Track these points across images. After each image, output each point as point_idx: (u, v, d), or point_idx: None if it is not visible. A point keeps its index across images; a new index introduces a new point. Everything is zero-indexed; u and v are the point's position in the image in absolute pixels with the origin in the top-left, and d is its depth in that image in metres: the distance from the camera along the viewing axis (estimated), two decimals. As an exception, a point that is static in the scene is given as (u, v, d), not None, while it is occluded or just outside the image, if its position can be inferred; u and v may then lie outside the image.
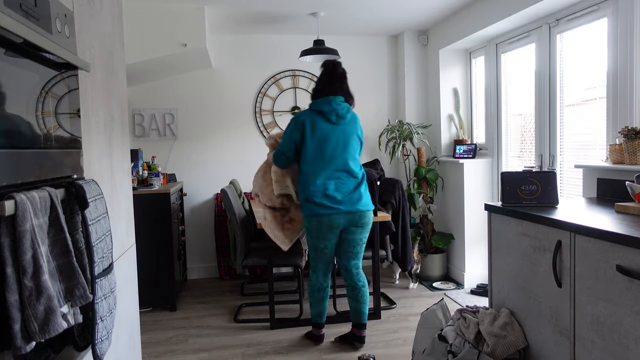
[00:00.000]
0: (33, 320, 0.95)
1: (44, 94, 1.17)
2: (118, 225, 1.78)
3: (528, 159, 3.71)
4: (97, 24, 1.64)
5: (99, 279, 1.28)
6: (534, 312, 2.01)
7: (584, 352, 1.72)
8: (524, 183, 2.18)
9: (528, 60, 3.65)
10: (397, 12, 4.12)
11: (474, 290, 4.02)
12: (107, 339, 1.32)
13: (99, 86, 1.63)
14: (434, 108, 4.72)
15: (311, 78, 4.86)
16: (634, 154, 2.33)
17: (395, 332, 3.26)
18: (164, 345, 3.14)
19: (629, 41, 2.63)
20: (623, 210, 1.94)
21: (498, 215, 2.25)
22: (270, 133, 3.50)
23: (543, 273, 1.94)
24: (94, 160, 1.55)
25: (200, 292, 4.30)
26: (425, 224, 4.52)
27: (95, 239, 1.27)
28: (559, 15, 3.23)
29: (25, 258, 0.95)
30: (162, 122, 4.61)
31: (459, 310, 2.31)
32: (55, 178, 1.21)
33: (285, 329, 3.36)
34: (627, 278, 1.51)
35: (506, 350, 2.01)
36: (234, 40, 4.69)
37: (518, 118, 3.88)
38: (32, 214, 0.97)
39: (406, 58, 4.82)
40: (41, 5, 1.13)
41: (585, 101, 3.14)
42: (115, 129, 1.83)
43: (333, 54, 4.04)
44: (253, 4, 3.79)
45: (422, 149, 4.52)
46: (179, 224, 4.14)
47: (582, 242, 1.71)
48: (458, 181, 4.24)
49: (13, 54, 1.02)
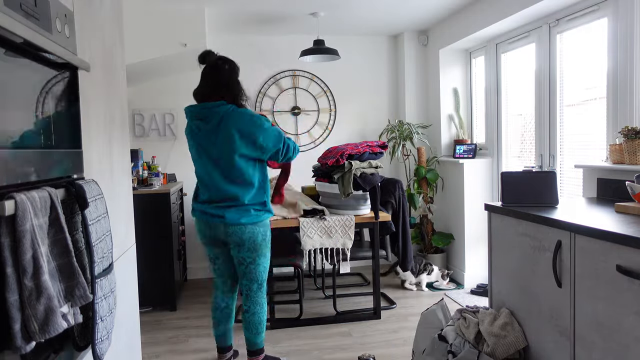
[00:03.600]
0: (33, 320, 0.95)
1: (44, 94, 1.17)
2: (118, 225, 1.78)
3: (528, 159, 3.71)
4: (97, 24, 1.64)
5: (99, 279, 1.28)
6: (534, 312, 2.01)
7: (584, 352, 1.72)
8: (524, 183, 2.18)
9: (528, 60, 3.65)
10: (397, 12, 4.12)
11: (474, 290, 4.02)
12: (107, 339, 1.32)
13: (99, 86, 1.63)
14: (434, 108, 4.72)
15: (311, 78, 4.86)
16: (634, 154, 2.33)
17: (395, 332, 3.26)
18: (164, 345, 3.14)
19: (629, 41, 2.63)
20: (623, 210, 1.94)
21: (498, 215, 2.25)
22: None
23: (543, 273, 1.94)
24: (94, 160, 1.54)
25: (200, 292, 4.29)
26: (425, 224, 4.52)
27: (95, 239, 1.27)
28: (559, 15, 3.23)
29: (25, 258, 0.95)
30: (162, 122, 4.61)
31: (459, 310, 2.31)
32: (55, 178, 1.21)
33: (285, 329, 3.36)
34: (627, 278, 1.51)
35: (506, 350, 2.01)
36: (234, 40, 4.69)
37: (518, 118, 3.88)
38: (32, 214, 0.97)
39: (406, 58, 4.82)
40: (41, 5, 1.13)
41: (585, 101, 3.14)
42: (115, 129, 1.83)
43: (333, 54, 4.04)
44: (253, 4, 3.78)
45: (422, 149, 4.52)
46: (179, 224, 4.14)
47: (582, 242, 1.71)
48: (458, 181, 4.24)
49: (13, 54, 1.02)
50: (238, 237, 2.49)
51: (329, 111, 4.91)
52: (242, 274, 2.59)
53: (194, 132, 2.54)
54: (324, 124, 4.91)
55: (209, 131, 2.47)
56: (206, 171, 2.53)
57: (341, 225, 3.30)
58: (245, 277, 2.59)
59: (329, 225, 3.28)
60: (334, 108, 4.91)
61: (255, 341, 2.65)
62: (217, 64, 2.58)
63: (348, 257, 3.31)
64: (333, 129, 4.92)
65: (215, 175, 2.49)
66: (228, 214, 2.47)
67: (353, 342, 3.12)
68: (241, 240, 2.49)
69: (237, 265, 2.59)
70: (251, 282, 2.59)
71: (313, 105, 4.89)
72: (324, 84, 4.88)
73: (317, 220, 3.26)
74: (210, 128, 2.46)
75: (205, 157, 2.51)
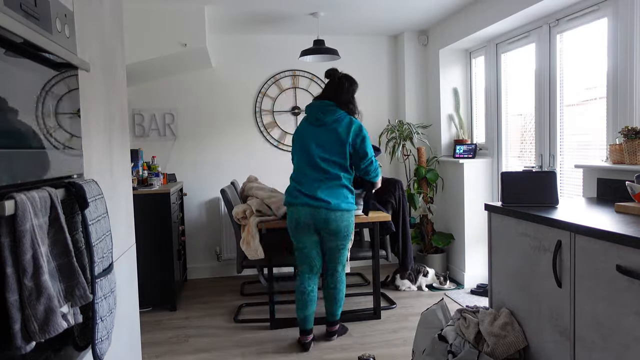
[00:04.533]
0: (33, 320, 0.95)
1: (44, 94, 1.17)
2: (118, 225, 1.78)
3: (528, 159, 3.71)
4: (97, 24, 1.64)
5: (99, 279, 1.28)
6: (534, 312, 2.01)
7: (584, 352, 1.72)
8: (524, 183, 2.18)
9: (528, 60, 3.65)
10: (397, 12, 4.12)
11: (474, 290, 4.02)
12: (107, 339, 1.32)
13: (99, 86, 1.63)
14: (434, 108, 4.72)
15: (311, 78, 4.86)
16: (634, 154, 2.33)
17: (395, 332, 3.26)
18: (164, 345, 3.14)
19: (629, 41, 2.63)
20: (623, 210, 1.94)
21: (498, 215, 2.25)
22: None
23: (543, 273, 1.94)
24: (94, 160, 1.55)
25: (200, 292, 4.30)
26: (425, 224, 4.52)
27: (95, 239, 1.27)
28: (559, 15, 3.23)
29: (25, 258, 0.95)
30: (162, 122, 4.61)
31: (459, 310, 2.31)
32: (55, 178, 1.21)
33: (285, 329, 3.36)
34: (627, 278, 1.51)
35: (506, 350, 2.01)
36: (234, 40, 4.69)
37: (518, 118, 3.88)
38: (32, 214, 0.97)
39: (406, 58, 4.82)
40: (41, 5, 1.13)
41: (585, 101, 3.14)
42: (115, 129, 1.83)
43: (333, 54, 4.04)
44: (253, 4, 3.78)
45: (422, 149, 4.52)
46: (179, 224, 4.14)
47: (582, 242, 1.71)
48: (458, 181, 4.24)
49: (13, 54, 1.02)
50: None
51: (329, 111, 4.90)
52: (333, 258, 3.04)
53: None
54: (324, 124, 4.90)
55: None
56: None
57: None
58: (334, 260, 3.04)
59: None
60: (334, 108, 4.91)
61: (337, 313, 3.12)
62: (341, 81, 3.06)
63: (348, 257, 3.31)
64: (333, 129, 4.91)
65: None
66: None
67: (353, 342, 3.12)
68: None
69: (327, 251, 3.03)
70: (338, 264, 3.05)
71: (313, 105, 4.88)
72: (324, 84, 4.87)
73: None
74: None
75: None
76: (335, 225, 2.89)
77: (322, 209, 2.86)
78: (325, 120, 2.93)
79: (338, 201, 2.88)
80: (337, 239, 2.94)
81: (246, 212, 3.41)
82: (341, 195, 2.90)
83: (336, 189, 2.90)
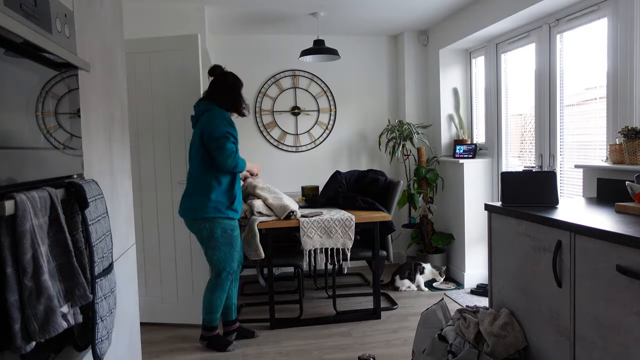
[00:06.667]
0: (33, 320, 0.95)
1: (44, 94, 1.17)
2: (118, 225, 1.78)
3: (528, 159, 3.71)
4: (97, 24, 1.64)
5: (99, 279, 1.28)
6: (534, 312, 2.01)
7: (584, 352, 1.72)
8: (524, 183, 2.18)
9: (528, 60, 3.65)
10: (397, 12, 4.12)
11: (474, 290, 4.02)
12: (107, 339, 1.32)
13: (99, 86, 1.63)
14: (434, 108, 4.72)
15: (311, 78, 4.86)
16: (634, 154, 2.33)
17: (395, 332, 3.26)
18: (164, 345, 3.14)
19: (629, 41, 2.63)
20: (623, 210, 1.94)
21: (498, 215, 2.25)
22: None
23: (543, 273, 1.94)
24: (94, 160, 1.54)
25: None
26: (425, 224, 4.52)
27: (95, 239, 1.27)
28: (559, 15, 3.23)
29: (25, 258, 0.95)
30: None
31: (459, 310, 2.31)
32: (55, 178, 1.21)
33: (285, 329, 3.36)
34: (627, 278, 1.51)
35: (506, 350, 2.01)
36: (234, 40, 4.69)
37: (518, 118, 3.88)
38: (32, 214, 0.97)
39: (406, 58, 4.82)
40: (41, 5, 1.13)
41: (585, 101, 3.14)
42: (115, 129, 1.83)
43: (333, 54, 4.04)
44: (253, 4, 3.78)
45: (422, 149, 4.52)
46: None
47: (582, 242, 1.71)
48: (458, 181, 4.24)
49: (13, 54, 1.02)
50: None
51: (329, 111, 4.91)
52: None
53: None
54: (324, 124, 4.91)
55: None
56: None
57: (341, 225, 3.30)
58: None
59: (329, 225, 3.28)
60: (334, 108, 4.91)
61: (207, 318, 3.07)
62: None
63: (348, 257, 3.32)
64: (333, 129, 4.92)
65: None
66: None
67: (353, 342, 3.12)
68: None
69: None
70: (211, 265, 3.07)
71: (313, 105, 4.89)
72: (324, 84, 4.88)
73: (317, 220, 3.27)
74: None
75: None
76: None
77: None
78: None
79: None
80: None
81: (246, 213, 3.41)
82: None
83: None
